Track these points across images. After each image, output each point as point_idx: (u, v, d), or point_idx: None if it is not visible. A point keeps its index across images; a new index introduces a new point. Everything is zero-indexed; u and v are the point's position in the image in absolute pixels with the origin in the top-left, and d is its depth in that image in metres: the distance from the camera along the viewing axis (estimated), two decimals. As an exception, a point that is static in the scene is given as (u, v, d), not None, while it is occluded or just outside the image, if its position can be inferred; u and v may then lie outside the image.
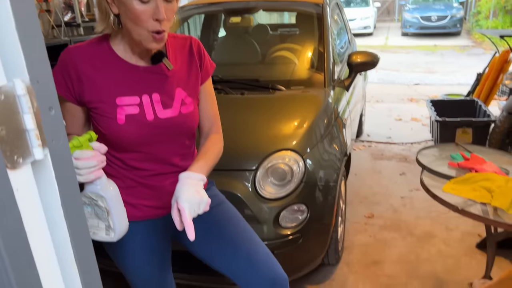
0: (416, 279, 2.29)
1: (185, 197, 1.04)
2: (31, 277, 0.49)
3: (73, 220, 0.54)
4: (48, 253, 0.51)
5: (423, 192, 3.22)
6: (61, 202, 0.52)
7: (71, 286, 0.54)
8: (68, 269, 0.54)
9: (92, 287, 0.57)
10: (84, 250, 0.56)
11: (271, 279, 1.27)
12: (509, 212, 1.43)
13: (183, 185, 1.07)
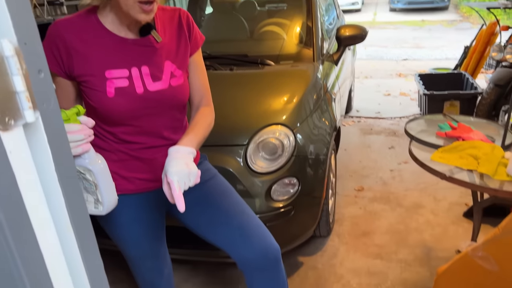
0: (405, 248, 2.36)
1: (173, 170, 1.04)
2: (30, 240, 0.50)
3: (67, 185, 0.54)
4: (44, 217, 0.52)
5: (412, 165, 3.28)
6: (55, 167, 0.52)
7: (68, 248, 0.55)
8: (64, 233, 0.55)
9: (89, 248, 0.58)
10: (79, 215, 0.57)
11: (263, 250, 1.29)
12: (494, 178, 1.47)
13: (172, 159, 1.07)
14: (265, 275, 1.31)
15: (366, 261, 2.28)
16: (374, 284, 2.10)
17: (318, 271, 2.23)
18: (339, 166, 3.37)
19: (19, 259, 0.47)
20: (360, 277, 2.16)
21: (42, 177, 0.51)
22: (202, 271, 2.25)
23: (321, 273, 2.21)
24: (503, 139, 1.64)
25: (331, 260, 2.31)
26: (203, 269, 2.26)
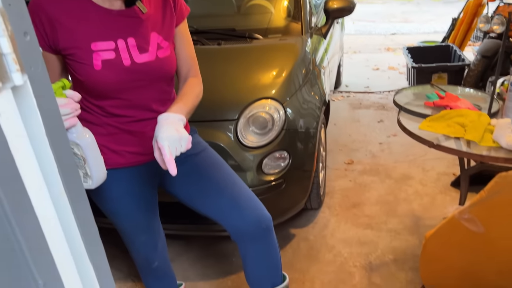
0: (395, 217, 2.41)
1: (164, 135, 1.03)
2: (25, 204, 0.50)
3: (58, 150, 0.54)
4: (37, 181, 0.52)
5: (401, 137, 3.33)
6: (45, 131, 0.52)
7: (62, 211, 0.55)
8: (58, 196, 0.55)
9: (84, 211, 0.58)
10: (72, 180, 0.57)
11: (255, 220, 1.31)
12: (480, 144, 1.50)
13: (162, 125, 1.06)
14: (258, 244, 1.34)
15: (356, 231, 2.33)
16: (364, 253, 2.16)
17: (310, 242, 2.27)
18: (329, 140, 3.39)
19: (14, 221, 0.48)
20: (351, 246, 2.22)
21: (33, 141, 0.51)
22: (195, 245, 2.28)
23: (313, 244, 2.25)
24: (490, 107, 1.67)
25: (323, 231, 2.35)
26: (196, 243, 2.29)
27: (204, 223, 2.04)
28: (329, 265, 2.09)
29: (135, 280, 2.06)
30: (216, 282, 2.03)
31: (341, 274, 2.03)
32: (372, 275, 2.00)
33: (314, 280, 2.00)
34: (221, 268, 2.11)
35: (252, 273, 1.40)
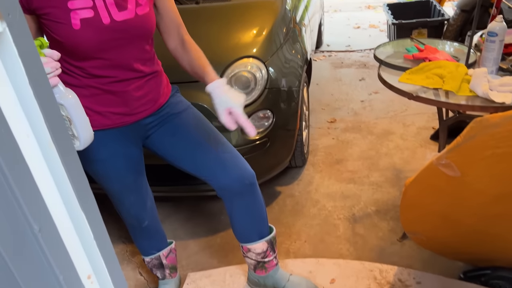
0: (376, 171, 2.48)
1: (236, 103, 1.15)
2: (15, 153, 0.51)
3: (43, 100, 0.54)
4: (24, 129, 0.52)
5: (382, 94, 3.37)
6: (29, 81, 0.52)
7: (52, 162, 0.56)
8: (46, 147, 0.56)
9: (72, 163, 0.59)
10: (59, 131, 0.58)
11: (239, 176, 1.35)
12: (458, 94, 1.54)
13: (225, 92, 1.16)
14: (243, 199, 1.37)
15: (340, 186, 2.40)
16: (348, 206, 2.24)
17: (295, 198, 2.34)
18: (312, 100, 3.41)
19: (6, 170, 0.49)
20: (334, 200, 2.29)
21: (17, 90, 0.51)
22: (183, 207, 2.32)
23: (298, 200, 2.32)
24: (467, 57, 1.70)
25: (307, 188, 2.41)
26: (184, 205, 2.33)
27: (191, 183, 2.07)
28: (314, 219, 2.17)
29: (126, 241, 2.10)
30: (205, 240, 2.09)
31: (326, 227, 2.10)
32: (356, 226, 2.09)
33: (300, 233, 2.07)
34: (210, 226, 2.17)
35: (239, 227, 1.44)
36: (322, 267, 1.65)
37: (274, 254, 1.51)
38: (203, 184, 2.09)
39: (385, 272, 1.59)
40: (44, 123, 0.55)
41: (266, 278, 1.53)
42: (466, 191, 1.32)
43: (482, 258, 1.64)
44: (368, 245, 1.95)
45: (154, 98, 1.27)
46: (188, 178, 2.05)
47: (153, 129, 1.32)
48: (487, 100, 1.50)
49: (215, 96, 1.19)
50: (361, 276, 1.58)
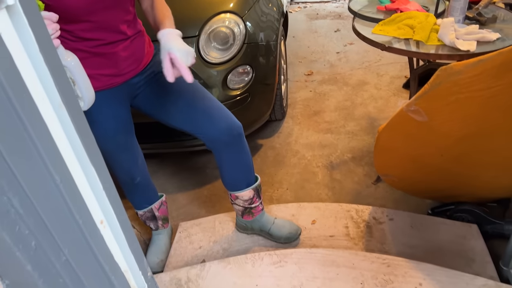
0: (352, 121, 2.60)
1: (176, 47, 1.12)
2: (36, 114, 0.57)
3: (52, 65, 0.60)
4: (40, 92, 0.58)
5: (357, 46, 3.44)
6: (39, 48, 0.58)
7: (64, 121, 0.63)
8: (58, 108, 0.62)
9: (80, 122, 0.66)
10: (67, 93, 0.64)
11: (227, 128, 1.42)
12: (427, 44, 1.63)
13: (170, 39, 1.14)
14: (231, 150, 1.46)
15: (318, 136, 2.52)
16: (326, 155, 2.37)
17: (276, 150, 2.45)
18: (289, 53, 3.46)
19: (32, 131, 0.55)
20: (313, 150, 2.41)
21: (30, 57, 0.57)
22: (170, 162, 2.41)
23: (279, 151, 2.43)
24: (436, 7, 1.77)
25: (287, 139, 2.52)
26: (170, 160, 2.42)
27: (176, 140, 2.14)
28: (294, 168, 2.29)
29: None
30: (193, 192, 2.19)
31: (306, 175, 2.24)
32: (333, 172, 2.23)
33: (282, 182, 2.21)
34: (196, 179, 2.27)
35: (228, 177, 1.54)
36: (304, 210, 1.79)
37: (259, 201, 1.62)
38: (187, 140, 2.18)
39: (361, 212, 1.75)
40: (55, 86, 0.61)
41: (253, 222, 1.66)
42: (433, 134, 1.45)
43: (448, 195, 1.81)
44: (345, 189, 2.10)
45: (139, 58, 1.31)
46: (173, 135, 2.13)
47: (140, 89, 1.37)
48: (453, 48, 1.60)
49: (161, 43, 1.17)
50: (339, 216, 1.73)
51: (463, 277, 1.28)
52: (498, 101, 1.28)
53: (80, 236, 0.69)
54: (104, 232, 0.77)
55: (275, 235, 1.64)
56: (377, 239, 1.61)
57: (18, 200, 0.55)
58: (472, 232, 1.61)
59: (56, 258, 0.64)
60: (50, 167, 0.60)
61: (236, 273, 1.37)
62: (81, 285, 0.70)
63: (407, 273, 1.30)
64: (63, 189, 0.63)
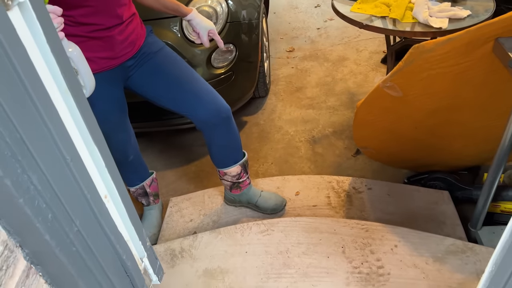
0: (333, 96, 2.69)
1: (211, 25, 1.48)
2: (47, 99, 0.63)
3: (58, 55, 0.66)
4: (49, 80, 0.64)
5: (336, 21, 3.50)
6: (46, 40, 0.63)
7: (70, 105, 0.69)
8: (64, 93, 0.68)
9: (84, 106, 0.72)
10: (71, 80, 0.70)
11: (215, 110, 1.49)
12: (402, 21, 1.71)
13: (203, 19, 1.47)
14: (220, 131, 1.53)
15: (300, 112, 2.60)
16: (308, 129, 2.46)
17: (260, 126, 2.53)
18: (270, 30, 3.49)
19: (45, 115, 0.62)
20: (296, 125, 2.50)
21: (40, 49, 0.62)
22: (157, 140, 2.46)
23: (263, 128, 2.51)
24: (411, -14, 1.84)
25: (271, 116, 2.60)
26: (158, 139, 2.47)
27: (164, 118, 2.20)
28: (278, 143, 2.38)
29: (106, 177, 2.24)
30: (181, 169, 2.27)
31: (289, 149, 2.33)
32: (315, 146, 2.33)
33: (267, 157, 2.30)
34: (184, 156, 2.34)
35: (217, 155, 1.62)
36: (288, 182, 1.89)
37: (247, 175, 1.71)
38: (174, 118, 2.23)
39: (342, 183, 1.86)
40: (61, 74, 0.67)
41: (241, 196, 1.75)
42: (408, 108, 1.55)
43: (422, 164, 1.94)
44: (327, 162, 2.21)
45: (133, 40, 1.35)
46: (161, 114, 2.18)
47: (133, 70, 1.41)
48: (427, 26, 1.68)
49: (196, 22, 1.46)
50: (321, 187, 1.84)
51: (433, 238, 1.41)
52: (466, 77, 1.37)
53: (88, 209, 0.76)
54: (108, 206, 0.84)
55: (261, 207, 1.74)
56: (356, 207, 1.73)
57: (37, 178, 0.62)
58: (443, 198, 1.74)
59: (69, 229, 0.71)
60: (61, 148, 0.67)
61: (226, 242, 1.47)
62: (91, 253, 0.78)
63: (384, 237, 1.42)
64: (73, 167, 0.70)
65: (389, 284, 1.27)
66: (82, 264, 0.76)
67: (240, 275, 1.34)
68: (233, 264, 1.38)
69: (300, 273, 1.32)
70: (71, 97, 0.70)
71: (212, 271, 1.37)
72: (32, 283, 0.71)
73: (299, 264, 1.35)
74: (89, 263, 0.77)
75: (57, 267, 0.72)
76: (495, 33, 1.21)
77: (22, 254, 0.68)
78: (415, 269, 1.31)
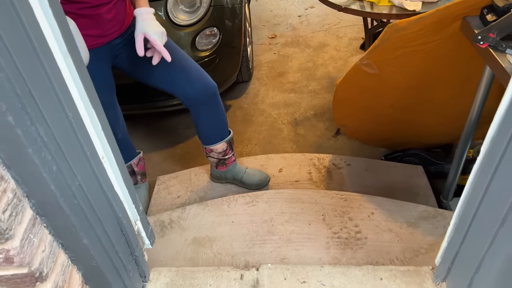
0: (314, 81, 2.78)
1: (153, 30, 1.28)
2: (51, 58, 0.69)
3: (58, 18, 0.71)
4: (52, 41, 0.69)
5: (317, 9, 3.57)
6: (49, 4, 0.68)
7: (70, 67, 0.74)
8: (65, 56, 0.73)
9: (82, 69, 0.78)
10: (71, 44, 0.75)
11: (203, 87, 1.55)
12: (379, 4, 1.79)
13: (145, 20, 1.27)
14: (206, 108, 1.59)
15: (282, 96, 2.68)
16: (290, 112, 2.54)
17: (244, 109, 2.60)
18: (253, 17, 3.54)
19: (48, 69, 0.67)
20: (279, 109, 2.58)
21: (48, 21, 0.68)
22: (143, 124, 2.50)
23: (247, 111, 2.58)
24: (387, -29, 1.93)
25: (254, 100, 2.67)
26: (143, 122, 2.51)
27: (149, 101, 2.24)
28: (262, 126, 2.46)
29: (93, 159, 2.28)
30: (167, 151, 2.32)
31: (272, 131, 2.41)
32: (297, 128, 2.41)
33: (251, 138, 2.37)
34: (169, 139, 2.39)
35: (204, 132, 1.68)
36: (272, 160, 1.97)
37: (232, 152, 1.78)
38: (159, 101, 2.28)
39: (322, 160, 1.95)
40: (62, 37, 0.73)
41: (227, 172, 1.82)
42: (384, 86, 1.64)
43: (398, 142, 2.04)
44: (308, 142, 2.30)
45: (121, 19, 1.40)
46: (146, 96, 2.22)
47: (121, 49, 1.45)
48: (402, 8, 1.77)
49: (137, 21, 1.31)
50: (303, 164, 1.93)
51: (407, 206, 1.51)
52: (437, 54, 1.47)
53: (88, 166, 0.82)
54: (106, 166, 0.90)
55: (246, 183, 1.82)
56: (336, 182, 1.83)
57: (43, 130, 0.68)
58: (418, 172, 1.85)
59: (72, 182, 0.77)
60: (64, 105, 0.73)
61: (213, 213, 1.54)
62: (91, 208, 0.84)
63: (361, 205, 1.51)
64: (74, 124, 0.76)
65: (366, 247, 1.37)
66: (83, 217, 0.82)
67: (227, 242, 1.41)
68: (220, 233, 1.45)
69: (284, 239, 1.40)
70: (71, 60, 0.75)
71: (200, 239, 1.44)
72: (38, 232, 0.76)
73: (283, 231, 1.43)
74: (89, 216, 0.83)
75: (60, 218, 0.78)
76: (462, 12, 1.30)
77: (29, 204, 0.74)
78: (390, 233, 1.41)
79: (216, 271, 1.15)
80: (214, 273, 1.14)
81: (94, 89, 0.85)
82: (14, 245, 0.70)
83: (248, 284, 1.11)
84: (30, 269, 0.74)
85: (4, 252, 0.70)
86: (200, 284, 1.12)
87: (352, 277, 1.11)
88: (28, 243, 0.74)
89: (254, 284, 1.11)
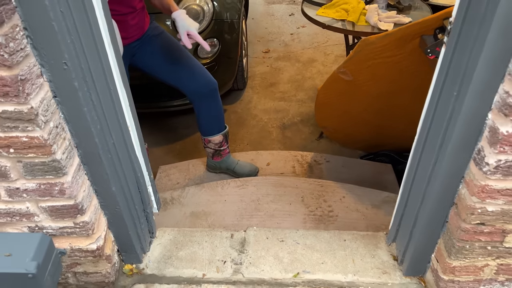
0: (302, 91, 3.07)
1: (193, 26, 1.60)
2: (101, 41, 0.95)
3: (106, 17, 0.98)
4: (105, 36, 0.96)
5: (308, 28, 3.91)
6: (102, 7, 0.95)
7: (111, 56, 1.01)
8: (109, 47, 1.00)
9: (118, 56, 1.04)
10: (112, 37, 1.02)
11: (205, 83, 1.82)
12: (357, 24, 2.10)
13: (184, 20, 1.57)
14: (207, 101, 1.86)
15: (273, 103, 2.96)
16: (279, 118, 2.82)
17: (238, 114, 2.87)
18: (249, 33, 3.86)
19: (99, 48, 0.94)
20: (269, 114, 2.86)
21: (99, 17, 0.95)
22: (145, 123, 2.76)
23: (240, 115, 2.85)
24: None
25: (247, 105, 2.95)
26: (146, 121, 2.77)
27: (152, 101, 2.50)
28: (253, 128, 2.73)
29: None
30: (166, 147, 2.58)
31: (263, 133, 2.68)
32: (285, 131, 2.68)
33: (243, 139, 2.63)
34: (169, 137, 2.65)
35: (204, 123, 1.94)
36: (261, 156, 2.23)
37: (227, 145, 2.04)
38: (162, 101, 2.54)
39: (305, 156, 2.21)
40: (108, 32, 0.99)
41: (221, 163, 2.08)
42: (358, 92, 1.93)
43: (373, 145, 2.32)
44: (294, 143, 2.57)
45: (142, 26, 1.68)
46: (150, 96, 2.49)
47: (138, 50, 1.73)
48: (376, 28, 2.08)
49: (178, 21, 1.59)
50: (288, 160, 2.19)
51: (374, 192, 1.78)
52: (401, 66, 1.76)
53: (119, 130, 1.08)
54: (131, 134, 1.16)
55: (238, 173, 2.07)
56: (316, 175, 2.09)
57: (95, 96, 0.94)
58: (387, 169, 2.13)
59: (109, 139, 1.02)
60: (108, 80, 0.99)
61: (209, 193, 1.79)
62: (120, 163, 1.09)
63: (335, 190, 1.78)
64: (113, 96, 1.02)
65: (336, 223, 1.63)
66: (114, 169, 1.07)
67: (220, 216, 1.66)
68: (214, 209, 1.70)
69: (268, 215, 1.66)
70: (113, 49, 1.02)
71: (197, 213, 1.69)
72: (81, 175, 1.02)
73: (267, 209, 1.69)
74: (117, 169, 1.08)
75: (98, 166, 1.03)
76: (419, 31, 1.60)
77: (77, 153, 1.00)
78: (357, 213, 1.67)
79: (211, 231, 1.40)
80: (209, 233, 1.39)
81: (125, 73, 1.12)
82: (68, 179, 0.95)
83: (237, 241, 1.36)
84: (75, 201, 0.99)
85: (60, 185, 0.95)
86: (198, 240, 1.37)
87: (321, 238, 1.36)
88: (76, 181, 0.99)
89: (242, 241, 1.36)
